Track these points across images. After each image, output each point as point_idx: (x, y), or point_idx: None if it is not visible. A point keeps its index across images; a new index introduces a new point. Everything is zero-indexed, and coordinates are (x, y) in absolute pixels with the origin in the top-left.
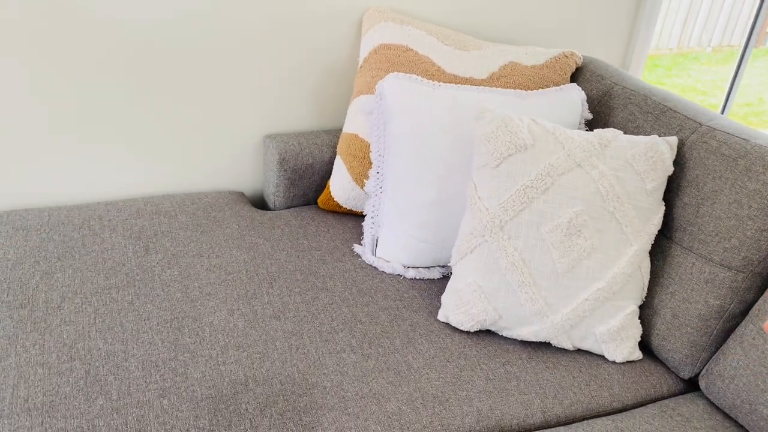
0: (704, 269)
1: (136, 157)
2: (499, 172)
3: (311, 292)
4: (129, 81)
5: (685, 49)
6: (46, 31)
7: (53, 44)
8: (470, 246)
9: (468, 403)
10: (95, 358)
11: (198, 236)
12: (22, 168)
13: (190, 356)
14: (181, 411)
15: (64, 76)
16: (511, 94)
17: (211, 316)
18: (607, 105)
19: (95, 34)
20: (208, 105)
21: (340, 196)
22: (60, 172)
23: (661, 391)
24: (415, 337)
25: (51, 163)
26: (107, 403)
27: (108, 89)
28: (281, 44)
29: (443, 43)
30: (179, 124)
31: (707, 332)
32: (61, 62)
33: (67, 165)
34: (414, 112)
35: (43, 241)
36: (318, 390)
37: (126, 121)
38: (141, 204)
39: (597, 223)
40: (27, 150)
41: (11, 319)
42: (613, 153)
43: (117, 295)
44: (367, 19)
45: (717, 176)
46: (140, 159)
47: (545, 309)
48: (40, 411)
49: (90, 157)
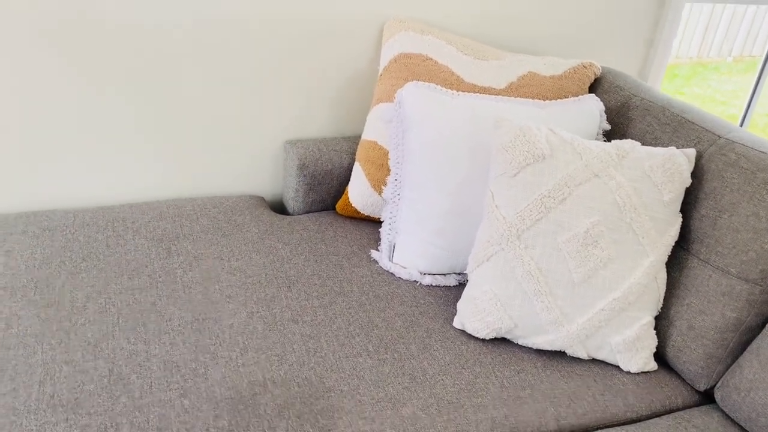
0: (721, 281)
1: (159, 161)
2: (517, 181)
3: (329, 297)
4: (154, 86)
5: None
6: (74, 37)
7: (79, 49)
8: (487, 254)
9: (483, 410)
10: (118, 357)
11: (219, 239)
12: (48, 170)
13: (210, 357)
14: (201, 411)
15: (90, 80)
16: (530, 104)
17: (231, 318)
18: (626, 116)
19: (121, 40)
20: (230, 111)
21: (358, 202)
22: (85, 175)
23: (676, 403)
24: (430, 343)
25: (76, 165)
26: (130, 402)
27: (133, 94)
28: (303, 52)
29: (462, 52)
30: (202, 129)
31: (723, 344)
32: (88, 67)
33: (92, 167)
34: (433, 121)
35: (68, 242)
36: (335, 393)
37: (149, 126)
38: (163, 207)
39: (614, 233)
40: (53, 152)
41: (38, 317)
42: (631, 164)
43: (140, 296)
44: (388, 28)
45: (735, 189)
46: (163, 162)
47: (561, 318)
48: (65, 407)
49: (114, 160)
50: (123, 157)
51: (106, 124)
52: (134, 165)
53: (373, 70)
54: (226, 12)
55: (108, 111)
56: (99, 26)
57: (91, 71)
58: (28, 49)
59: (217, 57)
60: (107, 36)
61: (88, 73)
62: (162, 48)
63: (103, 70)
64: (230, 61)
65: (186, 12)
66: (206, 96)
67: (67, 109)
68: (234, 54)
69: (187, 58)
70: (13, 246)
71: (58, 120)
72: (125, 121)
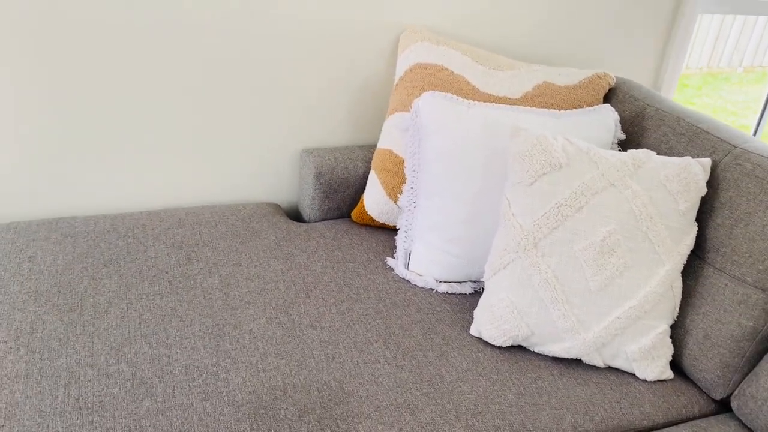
0: (737, 290)
1: (179, 169)
2: (534, 190)
3: (346, 303)
4: (173, 95)
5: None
6: (91, 47)
7: (99, 58)
8: (503, 262)
9: (500, 416)
10: (141, 361)
11: (237, 246)
12: (70, 178)
13: (231, 362)
14: (222, 415)
15: (112, 91)
16: (545, 114)
17: (251, 323)
18: (640, 126)
19: (138, 50)
20: (247, 119)
21: (373, 210)
22: (106, 182)
23: (692, 411)
24: (447, 350)
25: (98, 173)
26: (153, 405)
27: (152, 103)
28: (320, 61)
29: (478, 63)
30: (219, 137)
31: (740, 353)
32: (109, 76)
33: (112, 176)
34: (449, 130)
35: (89, 248)
36: (354, 399)
37: (168, 134)
38: (182, 214)
39: (630, 242)
40: (75, 161)
41: (62, 321)
42: (646, 173)
43: (161, 302)
44: (404, 38)
45: (751, 198)
46: (183, 170)
47: (577, 326)
48: (90, 410)
49: (134, 168)
50: (142, 165)
51: (126, 133)
52: (153, 173)
53: (389, 79)
54: (244, 23)
55: (127, 120)
56: (117, 35)
57: (111, 82)
58: (50, 58)
59: (235, 66)
60: (124, 46)
61: (108, 83)
62: (179, 58)
63: (123, 80)
64: (247, 70)
65: (204, 23)
66: (224, 105)
67: (88, 119)
68: (251, 64)
69: (204, 67)
70: (36, 252)
71: (80, 129)
72: (145, 130)
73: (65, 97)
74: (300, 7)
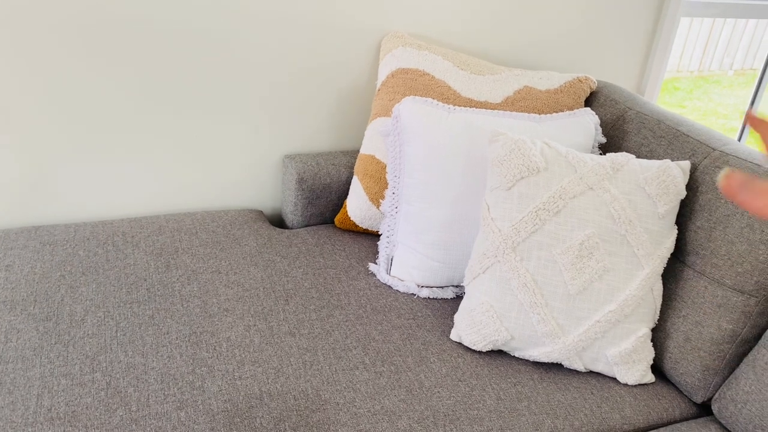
0: (717, 293)
1: (158, 175)
2: (512, 194)
3: (326, 310)
4: (152, 102)
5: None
6: (73, 55)
7: (76, 65)
8: (483, 266)
9: (479, 422)
10: (116, 370)
11: (217, 253)
12: (48, 185)
13: (207, 370)
14: (197, 423)
15: (90, 97)
16: (526, 118)
17: (229, 331)
18: (621, 129)
19: (119, 56)
20: (229, 125)
21: (356, 216)
22: (85, 189)
23: (673, 415)
24: (427, 355)
25: (76, 180)
26: (127, 414)
27: (132, 110)
28: (301, 67)
29: (459, 67)
30: (200, 143)
31: (720, 356)
32: (87, 82)
33: (92, 182)
34: (430, 135)
35: (68, 256)
36: (331, 406)
37: (149, 140)
38: (163, 221)
39: (609, 245)
40: (53, 168)
41: (37, 330)
42: (625, 176)
43: (138, 310)
44: (385, 43)
45: (730, 201)
46: (162, 177)
47: (557, 330)
48: (62, 420)
49: (114, 174)
50: (122, 172)
51: (107, 140)
52: (134, 180)
53: (371, 85)
54: (225, 28)
55: (108, 128)
56: (95, 45)
57: (90, 87)
58: (29, 64)
59: (216, 72)
60: (102, 53)
61: (87, 89)
62: (159, 64)
63: (101, 86)
64: (229, 76)
65: (181, 29)
66: (205, 111)
67: (67, 126)
68: (233, 69)
69: (185, 73)
70: (13, 260)
71: (58, 137)
72: (124, 136)
73: (45, 105)
74: (282, 13)
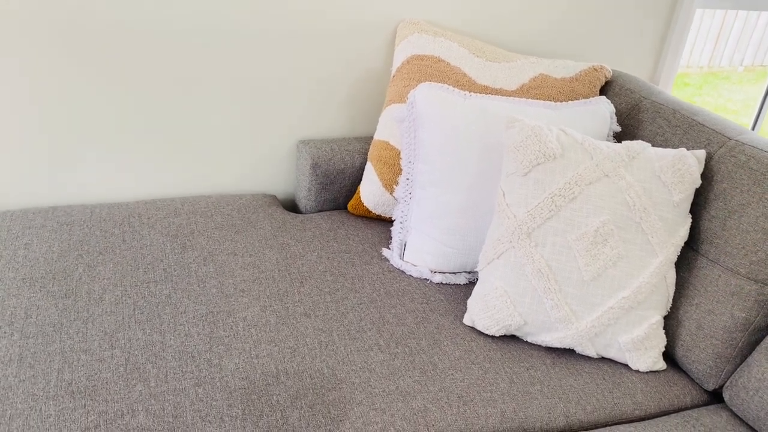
0: (730, 282)
1: (175, 159)
2: (528, 180)
3: (340, 293)
4: (170, 86)
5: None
6: (91, 38)
7: (96, 49)
8: (497, 252)
9: (492, 404)
10: (134, 347)
11: (233, 236)
12: (66, 167)
13: (224, 349)
14: (215, 400)
15: (108, 80)
16: (541, 105)
17: (245, 311)
18: (636, 118)
19: (136, 41)
20: (245, 111)
21: (369, 201)
22: (102, 172)
23: (684, 402)
24: (440, 339)
25: (94, 163)
26: (146, 390)
27: (150, 94)
28: (317, 53)
29: (474, 54)
30: (216, 127)
31: (732, 344)
32: (105, 67)
33: (109, 165)
34: (445, 121)
35: (85, 236)
36: (346, 385)
37: (166, 125)
38: (178, 204)
39: (623, 232)
40: (72, 150)
41: (56, 307)
42: (641, 164)
43: (155, 289)
44: (401, 30)
45: (745, 190)
46: (179, 161)
47: (570, 316)
48: (83, 394)
49: (131, 157)
50: (139, 155)
51: (124, 124)
52: (150, 163)
53: (386, 71)
54: (240, 14)
55: (125, 111)
56: (115, 28)
57: (109, 72)
58: (44, 49)
59: (232, 57)
60: (123, 37)
61: (105, 73)
62: (176, 49)
63: (120, 71)
64: (245, 61)
65: (200, 14)
66: (221, 96)
67: (84, 109)
68: (248, 54)
69: (202, 58)
70: (32, 239)
71: (76, 119)
72: (142, 120)
73: (64, 88)
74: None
